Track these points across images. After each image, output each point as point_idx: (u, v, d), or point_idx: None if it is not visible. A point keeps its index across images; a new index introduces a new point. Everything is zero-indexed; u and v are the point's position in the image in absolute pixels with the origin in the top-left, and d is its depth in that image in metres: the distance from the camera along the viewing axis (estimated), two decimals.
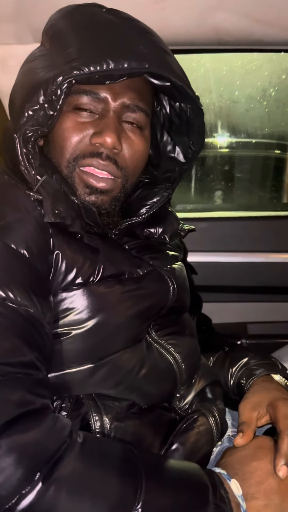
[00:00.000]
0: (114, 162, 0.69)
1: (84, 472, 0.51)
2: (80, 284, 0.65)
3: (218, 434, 0.75)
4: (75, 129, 0.68)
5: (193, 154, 0.81)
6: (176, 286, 0.77)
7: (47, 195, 0.64)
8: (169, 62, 0.69)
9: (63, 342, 0.64)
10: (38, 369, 0.56)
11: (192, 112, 0.76)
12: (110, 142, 0.66)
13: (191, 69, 1.65)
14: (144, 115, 0.71)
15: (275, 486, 0.60)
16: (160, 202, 0.81)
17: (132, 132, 0.71)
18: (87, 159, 0.68)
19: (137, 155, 0.72)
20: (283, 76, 1.72)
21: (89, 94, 0.68)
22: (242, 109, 1.87)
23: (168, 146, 0.83)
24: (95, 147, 0.68)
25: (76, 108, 0.68)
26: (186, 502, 0.55)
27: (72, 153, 0.68)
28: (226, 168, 2.04)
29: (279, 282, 1.46)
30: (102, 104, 0.68)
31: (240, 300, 1.50)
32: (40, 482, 0.48)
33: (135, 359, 0.69)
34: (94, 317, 0.65)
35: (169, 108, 0.80)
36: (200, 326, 0.97)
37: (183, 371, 0.75)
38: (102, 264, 0.68)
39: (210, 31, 1.12)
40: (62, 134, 0.69)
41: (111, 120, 0.68)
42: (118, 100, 0.69)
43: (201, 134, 0.79)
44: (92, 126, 0.68)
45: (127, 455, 0.56)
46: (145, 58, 0.65)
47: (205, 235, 1.45)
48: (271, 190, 2.12)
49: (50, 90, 0.63)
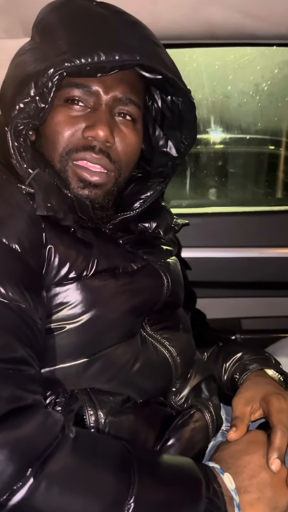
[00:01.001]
0: (107, 155, 0.69)
1: (76, 467, 0.51)
2: (74, 278, 0.65)
3: (214, 429, 0.75)
4: (67, 123, 0.68)
5: (186, 148, 0.81)
6: (170, 280, 0.77)
7: (39, 188, 0.63)
8: (160, 54, 0.69)
9: (57, 337, 0.64)
10: (30, 365, 0.56)
11: (184, 105, 0.76)
12: (102, 135, 0.66)
13: (184, 64, 1.65)
14: (136, 108, 0.71)
15: (268, 480, 0.61)
16: (153, 196, 0.81)
17: (125, 125, 0.71)
18: (80, 153, 0.68)
19: (130, 148, 0.72)
20: (276, 70, 1.72)
21: (80, 87, 0.67)
22: (235, 104, 1.87)
23: (161, 141, 0.83)
24: (88, 141, 0.68)
25: (68, 101, 0.68)
26: (179, 496, 0.55)
27: (64, 147, 0.68)
28: (221, 164, 2.04)
29: (273, 277, 1.47)
30: (94, 97, 0.68)
31: (234, 295, 1.51)
32: (32, 478, 0.48)
33: (129, 353, 0.69)
34: (88, 312, 0.64)
35: (161, 102, 0.80)
36: (194, 321, 0.97)
37: (178, 365, 0.75)
38: (95, 258, 0.67)
39: (202, 26, 1.12)
40: (54, 128, 0.68)
41: (103, 113, 0.67)
42: (110, 93, 0.68)
43: (193, 128, 0.79)
44: (84, 119, 0.68)
45: (120, 451, 0.56)
46: (136, 51, 0.65)
47: (199, 231, 1.45)
48: (265, 185, 2.12)
49: (41, 83, 0.63)
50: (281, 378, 0.82)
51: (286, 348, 1.05)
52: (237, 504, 0.58)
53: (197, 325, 0.97)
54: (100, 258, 0.68)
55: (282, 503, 0.61)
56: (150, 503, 0.53)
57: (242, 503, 0.58)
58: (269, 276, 1.46)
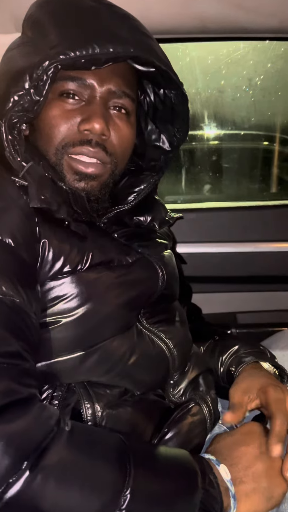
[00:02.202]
0: (103, 148, 0.69)
1: (71, 460, 0.52)
2: (68, 272, 0.65)
3: (212, 423, 0.75)
4: (62, 117, 0.68)
5: (178, 142, 0.81)
6: (165, 273, 0.77)
7: (33, 181, 0.63)
8: (153, 47, 0.69)
9: (53, 331, 0.64)
10: (24, 359, 0.56)
11: (176, 98, 0.76)
12: (98, 128, 0.66)
13: (176, 58, 1.65)
14: (130, 101, 0.71)
15: (263, 470, 0.61)
16: (147, 188, 0.81)
17: (119, 118, 0.71)
18: (77, 147, 0.68)
19: (125, 141, 0.72)
20: (269, 64, 1.72)
21: (75, 80, 0.67)
22: (228, 98, 1.87)
23: (153, 135, 0.83)
24: (84, 135, 0.68)
25: (62, 95, 0.68)
26: (175, 487, 0.56)
27: (60, 141, 0.68)
28: (215, 159, 2.04)
29: (268, 271, 1.47)
30: (89, 90, 0.68)
31: (230, 290, 1.51)
32: (27, 471, 0.48)
33: (126, 346, 0.69)
34: (83, 305, 0.64)
35: (153, 95, 0.80)
36: (190, 316, 0.97)
37: (176, 357, 0.75)
38: (90, 251, 0.67)
39: (194, 19, 1.11)
40: (49, 122, 0.68)
41: (98, 106, 0.68)
42: (104, 86, 0.68)
43: (186, 121, 0.79)
44: (79, 113, 0.68)
45: (116, 443, 0.56)
46: (129, 43, 0.65)
47: (194, 226, 1.45)
48: (259, 180, 2.13)
49: (36, 75, 0.63)
50: (276, 372, 0.82)
51: (281, 342, 1.05)
52: (233, 494, 0.58)
53: (193, 319, 0.97)
54: (95, 251, 0.68)
55: (277, 493, 0.61)
56: (146, 495, 0.53)
57: (237, 494, 0.59)
58: (264, 270, 1.47)
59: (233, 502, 0.58)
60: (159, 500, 0.54)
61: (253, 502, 0.60)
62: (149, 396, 0.71)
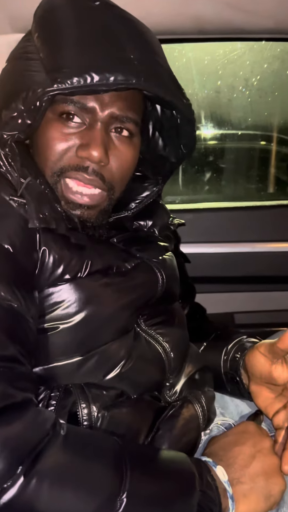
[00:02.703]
0: (100, 177, 0.67)
1: (67, 464, 0.51)
2: (68, 279, 0.65)
3: (205, 420, 0.75)
4: (61, 139, 0.66)
5: (184, 156, 0.80)
6: (165, 276, 0.76)
7: (31, 198, 0.62)
8: (160, 73, 0.66)
9: (51, 336, 0.64)
10: (21, 363, 0.56)
11: (182, 120, 0.75)
12: (97, 157, 0.64)
13: (173, 59, 1.65)
14: (133, 125, 0.68)
15: (260, 469, 0.62)
16: (150, 197, 0.81)
17: (120, 141, 0.68)
18: (72, 172, 0.66)
19: (125, 166, 0.70)
20: (265, 65, 1.72)
21: (75, 104, 0.65)
22: (225, 99, 1.88)
23: (159, 145, 0.82)
24: (81, 160, 0.66)
25: (62, 115, 0.66)
26: (172, 489, 0.55)
27: (56, 163, 0.66)
28: (212, 159, 2.04)
29: (266, 271, 1.47)
30: (90, 114, 0.66)
31: (227, 290, 1.51)
32: (22, 476, 0.48)
33: (124, 349, 0.69)
34: (81, 311, 0.64)
35: (161, 113, 0.79)
36: (194, 315, 0.97)
37: (172, 360, 0.75)
38: (89, 260, 0.67)
39: (191, 20, 1.12)
40: (46, 143, 0.66)
41: (98, 132, 0.65)
42: (106, 111, 0.65)
43: (192, 139, 0.77)
44: (78, 137, 0.65)
45: (112, 446, 0.56)
46: (132, 71, 0.61)
47: (191, 227, 1.44)
48: (257, 180, 2.13)
49: (30, 100, 0.61)
50: None
51: None
52: (231, 495, 0.58)
53: (197, 318, 0.97)
54: (93, 259, 0.68)
55: (276, 491, 0.61)
56: (142, 497, 0.53)
57: (235, 494, 0.59)
58: (261, 270, 1.47)
59: (231, 503, 0.58)
60: (156, 502, 0.54)
61: (251, 502, 0.60)
62: (144, 398, 0.71)
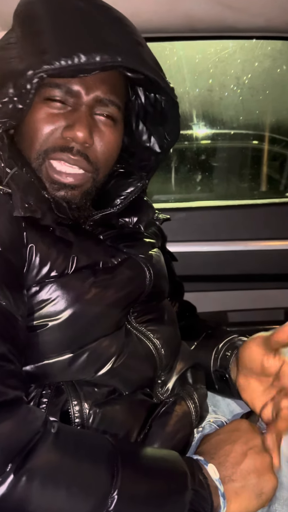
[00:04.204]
0: (85, 157, 0.68)
1: (58, 462, 0.51)
2: (55, 276, 0.65)
3: (198, 418, 0.75)
4: (47, 121, 0.67)
5: (168, 145, 0.81)
6: (152, 272, 0.76)
7: (17, 188, 0.63)
8: (143, 54, 0.68)
9: (40, 334, 0.64)
10: (10, 361, 0.56)
11: (166, 103, 0.76)
12: (81, 137, 0.66)
13: (164, 58, 1.65)
14: (116, 109, 0.70)
15: (251, 466, 0.61)
16: (134, 192, 0.81)
17: (105, 124, 0.70)
18: (57, 153, 0.68)
19: (109, 148, 0.71)
20: (256, 63, 1.73)
21: (61, 87, 0.67)
22: (216, 97, 1.88)
23: (144, 136, 0.83)
24: (66, 141, 0.67)
25: (48, 99, 0.67)
26: (164, 488, 0.55)
27: (42, 145, 0.68)
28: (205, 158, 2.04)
29: (259, 270, 1.48)
30: (75, 97, 0.67)
31: (220, 288, 1.51)
32: (12, 473, 0.47)
33: (115, 346, 0.69)
34: (69, 308, 0.64)
35: (144, 98, 0.79)
36: (184, 312, 0.97)
37: (163, 357, 0.75)
38: (75, 255, 0.67)
39: (182, 18, 1.12)
40: (33, 126, 0.67)
41: (83, 114, 0.67)
42: (91, 94, 0.67)
43: (176, 125, 0.78)
44: (64, 118, 0.67)
45: (103, 444, 0.56)
46: (118, 51, 0.64)
47: (184, 225, 1.45)
48: (249, 179, 2.14)
49: (20, 84, 0.62)
50: None
51: None
52: (222, 493, 0.58)
53: (187, 316, 0.97)
54: (80, 255, 0.68)
55: (267, 488, 0.61)
56: (134, 496, 0.53)
57: (227, 492, 0.59)
58: (254, 269, 1.47)
59: (222, 501, 0.58)
60: (148, 501, 0.54)
61: (243, 500, 0.60)
62: (136, 395, 0.71)
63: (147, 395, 0.72)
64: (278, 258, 1.47)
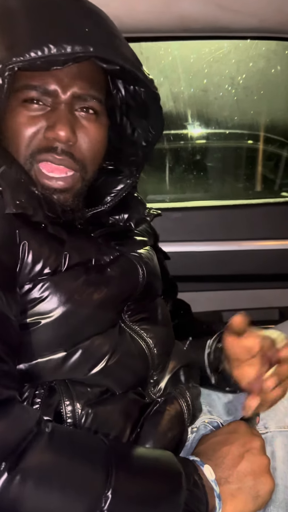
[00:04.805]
0: (70, 156, 0.68)
1: (52, 462, 0.51)
2: (48, 274, 0.65)
3: (190, 416, 0.75)
4: (28, 124, 0.66)
5: (153, 138, 0.80)
6: (145, 270, 0.76)
7: (7, 186, 0.62)
8: (117, 44, 0.67)
9: (33, 332, 0.63)
10: (3, 360, 0.56)
11: (147, 95, 0.74)
12: (63, 136, 0.65)
13: (159, 57, 1.65)
14: (97, 103, 0.69)
15: (248, 469, 0.61)
16: (124, 190, 0.81)
17: (87, 119, 0.69)
18: (42, 154, 0.67)
19: (94, 143, 0.70)
20: (250, 63, 1.73)
21: (37, 89, 0.66)
22: (211, 97, 1.88)
23: (128, 130, 0.81)
24: (49, 142, 0.67)
25: (26, 101, 0.67)
26: (158, 487, 0.55)
27: (26, 149, 0.67)
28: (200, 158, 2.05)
29: (254, 269, 1.48)
30: (52, 97, 0.67)
31: (215, 288, 1.52)
32: (6, 473, 0.47)
33: (108, 344, 0.69)
34: (61, 306, 0.64)
35: (125, 92, 0.78)
36: (178, 311, 0.97)
37: (155, 356, 0.75)
38: (67, 253, 0.67)
39: (176, 18, 1.12)
40: (15, 130, 0.67)
41: (63, 112, 0.66)
42: (68, 92, 0.66)
43: (159, 117, 0.77)
44: (44, 119, 0.67)
45: (97, 444, 0.56)
46: (90, 41, 0.62)
47: (179, 225, 1.45)
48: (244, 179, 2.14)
49: None
50: None
51: None
52: (218, 494, 0.58)
53: (182, 314, 0.97)
54: (72, 252, 0.67)
55: (264, 491, 0.61)
56: (128, 495, 0.53)
57: (223, 494, 0.59)
58: (249, 269, 1.48)
59: (218, 503, 0.58)
60: (142, 501, 0.54)
61: (238, 502, 0.59)
62: (129, 395, 0.70)
63: (140, 395, 0.72)
64: (273, 258, 1.47)
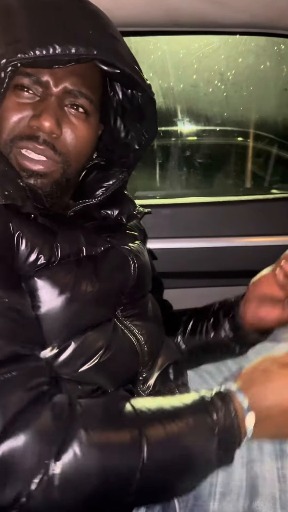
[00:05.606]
0: (51, 147, 0.68)
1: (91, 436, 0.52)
2: (42, 265, 0.64)
3: None
4: (14, 109, 0.67)
5: (147, 141, 0.81)
6: (136, 263, 0.77)
7: None
8: (119, 48, 0.68)
9: None
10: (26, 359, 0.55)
11: (143, 99, 0.76)
12: (47, 126, 0.65)
13: (148, 52, 1.64)
14: (87, 102, 0.70)
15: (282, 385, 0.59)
16: (115, 184, 0.81)
17: (76, 117, 0.70)
18: (23, 142, 0.67)
19: (80, 141, 0.71)
20: (240, 59, 1.73)
21: (30, 77, 0.66)
22: (201, 93, 1.88)
23: (122, 133, 0.83)
24: (33, 130, 0.67)
25: (17, 88, 0.67)
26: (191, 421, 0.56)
27: (9, 134, 0.67)
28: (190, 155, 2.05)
29: (243, 266, 1.48)
30: (44, 88, 0.67)
31: (206, 285, 1.52)
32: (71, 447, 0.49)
33: (101, 340, 0.69)
34: (54, 299, 0.64)
35: (122, 95, 0.79)
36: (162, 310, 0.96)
37: (145, 353, 0.75)
38: (59, 244, 0.67)
39: (165, 13, 1.11)
40: (1, 114, 0.67)
41: (51, 104, 0.67)
42: (59, 85, 0.67)
43: (154, 122, 0.79)
44: (32, 107, 0.67)
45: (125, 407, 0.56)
46: (93, 44, 0.64)
47: (169, 221, 1.45)
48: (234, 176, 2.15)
49: None
50: None
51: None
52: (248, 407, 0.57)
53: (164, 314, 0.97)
54: (63, 243, 0.67)
55: None
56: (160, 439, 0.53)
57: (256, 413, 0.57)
58: (239, 265, 1.48)
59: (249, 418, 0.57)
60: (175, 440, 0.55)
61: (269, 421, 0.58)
62: (119, 393, 0.70)
63: (129, 392, 0.72)
64: (263, 254, 1.48)
